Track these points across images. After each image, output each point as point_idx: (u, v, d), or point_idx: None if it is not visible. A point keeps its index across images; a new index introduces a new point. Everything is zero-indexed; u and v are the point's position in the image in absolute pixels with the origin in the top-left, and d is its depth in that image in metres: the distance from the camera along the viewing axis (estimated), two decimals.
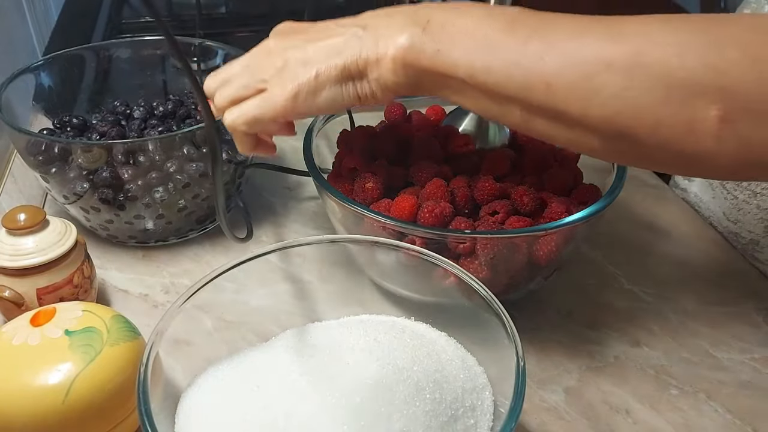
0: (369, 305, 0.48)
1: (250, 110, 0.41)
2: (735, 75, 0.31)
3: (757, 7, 0.58)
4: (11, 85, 0.58)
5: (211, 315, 0.42)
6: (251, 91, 0.41)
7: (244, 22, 1.07)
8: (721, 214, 0.63)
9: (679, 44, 0.32)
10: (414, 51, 0.37)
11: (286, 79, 0.40)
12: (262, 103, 0.41)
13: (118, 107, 0.64)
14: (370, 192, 0.48)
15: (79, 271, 0.49)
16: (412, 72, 0.38)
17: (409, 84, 0.39)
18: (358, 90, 0.40)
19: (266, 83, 0.41)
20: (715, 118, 0.31)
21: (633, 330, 0.52)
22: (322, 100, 0.40)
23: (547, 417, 0.45)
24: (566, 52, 0.34)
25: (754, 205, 0.59)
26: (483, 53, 0.36)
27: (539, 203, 0.48)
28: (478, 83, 0.36)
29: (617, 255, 0.60)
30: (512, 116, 0.37)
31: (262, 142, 0.45)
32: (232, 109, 0.42)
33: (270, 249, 0.43)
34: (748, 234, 0.60)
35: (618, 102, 0.33)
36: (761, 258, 0.59)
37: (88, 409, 0.38)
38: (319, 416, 0.35)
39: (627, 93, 0.33)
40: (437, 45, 0.37)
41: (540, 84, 0.35)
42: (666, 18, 0.34)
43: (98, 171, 0.52)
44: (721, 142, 0.32)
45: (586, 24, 0.35)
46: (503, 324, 0.38)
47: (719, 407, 0.46)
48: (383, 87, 0.39)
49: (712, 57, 0.31)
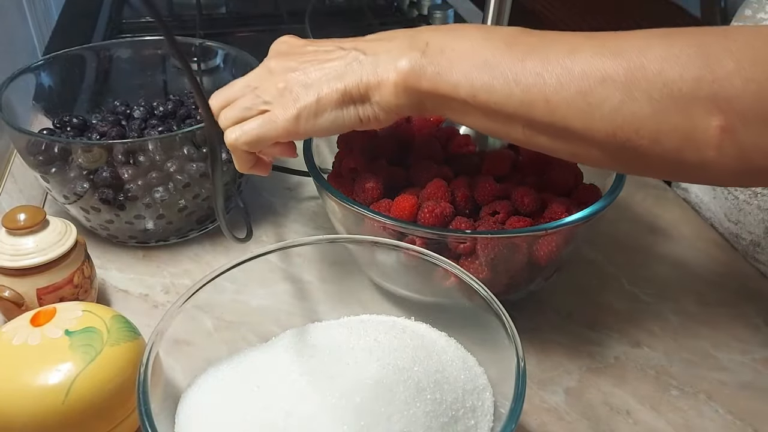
0: (369, 305, 0.48)
1: (252, 130, 0.42)
2: (733, 85, 0.31)
3: (758, 7, 0.58)
4: (11, 85, 0.58)
5: (211, 315, 0.42)
6: (254, 113, 0.42)
7: (244, 22, 1.07)
8: (722, 214, 0.63)
9: (676, 57, 0.32)
10: (415, 74, 0.38)
11: (288, 101, 0.41)
12: (264, 124, 0.42)
13: (118, 107, 0.64)
14: (370, 192, 0.48)
15: (79, 271, 0.49)
16: (413, 95, 0.39)
17: (411, 106, 0.40)
18: (359, 113, 0.41)
19: (268, 105, 0.42)
20: (716, 129, 0.32)
21: (633, 331, 0.52)
22: (323, 122, 0.41)
23: (547, 418, 0.45)
24: (564, 68, 0.35)
25: (755, 206, 0.59)
26: (483, 73, 0.37)
27: (540, 203, 0.48)
28: (479, 103, 0.37)
29: (617, 255, 0.60)
30: (515, 133, 0.38)
31: (260, 161, 0.46)
32: (234, 128, 0.43)
33: (270, 249, 0.43)
34: (749, 235, 0.60)
35: (618, 115, 0.34)
36: (762, 259, 0.59)
37: (88, 409, 0.38)
38: (319, 416, 0.35)
39: (627, 106, 0.33)
40: (437, 68, 0.38)
41: (540, 101, 0.35)
42: (662, 32, 0.34)
43: (98, 171, 0.52)
44: (722, 151, 0.32)
45: (583, 40, 0.36)
46: (503, 324, 0.38)
47: (720, 408, 0.46)
48: (385, 110, 0.40)
49: (710, 68, 0.32)
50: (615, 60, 0.34)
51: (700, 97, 0.32)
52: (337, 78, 0.40)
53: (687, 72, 0.32)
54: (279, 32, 0.48)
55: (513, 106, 0.36)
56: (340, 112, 0.41)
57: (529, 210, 0.47)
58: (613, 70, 0.34)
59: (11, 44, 0.86)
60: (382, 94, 0.39)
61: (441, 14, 1.04)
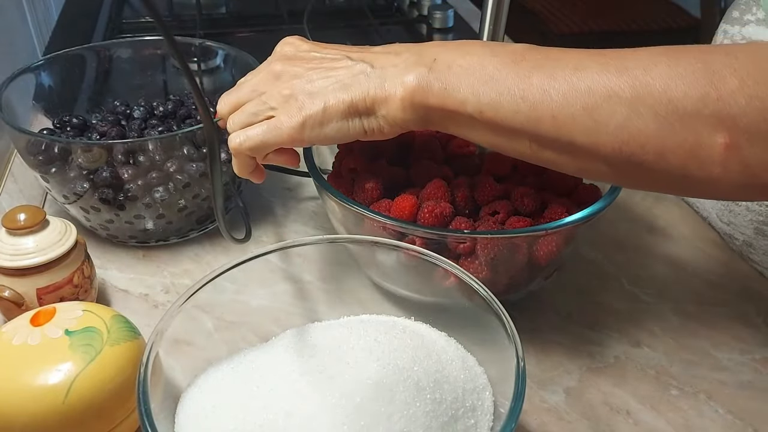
0: (369, 305, 0.48)
1: (257, 136, 0.42)
2: (737, 103, 0.31)
3: (746, 9, 0.58)
4: (11, 85, 0.58)
5: (211, 315, 0.42)
6: (260, 118, 0.43)
7: (244, 22, 1.07)
8: (715, 215, 0.63)
9: (681, 75, 0.33)
10: (422, 90, 0.39)
11: (294, 109, 0.41)
12: (269, 131, 0.42)
13: (118, 107, 0.64)
14: (370, 192, 0.48)
15: (79, 271, 0.49)
16: (420, 110, 0.39)
17: (417, 120, 0.40)
18: (365, 125, 0.41)
19: (274, 111, 0.42)
20: (721, 146, 0.32)
21: (633, 331, 0.52)
22: (328, 132, 0.41)
23: (547, 417, 0.45)
24: (570, 85, 0.35)
25: (744, 207, 0.59)
26: (489, 89, 0.37)
27: (540, 204, 0.48)
28: (486, 119, 0.38)
29: (617, 255, 0.60)
30: (522, 148, 0.39)
31: (258, 168, 0.47)
32: (239, 133, 0.43)
33: (270, 249, 0.43)
34: (741, 236, 0.60)
35: (624, 132, 0.34)
36: (755, 259, 0.59)
37: (88, 409, 0.38)
38: (319, 416, 0.35)
39: (632, 122, 0.34)
40: (444, 83, 0.38)
41: (547, 117, 0.36)
42: (666, 50, 0.35)
43: (98, 171, 0.52)
44: (727, 167, 0.33)
45: (588, 57, 0.36)
46: (503, 324, 0.38)
47: (720, 408, 0.46)
48: (391, 123, 0.40)
49: (714, 86, 0.32)
50: (620, 77, 0.34)
51: (704, 114, 0.32)
52: (344, 89, 0.40)
53: (691, 90, 0.32)
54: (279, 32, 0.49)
55: (519, 122, 0.37)
56: (345, 123, 0.41)
57: (529, 210, 0.47)
58: (619, 87, 0.34)
59: (11, 44, 0.86)
60: (389, 108, 0.40)
61: (441, 14, 1.04)
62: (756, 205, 0.57)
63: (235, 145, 0.43)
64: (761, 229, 0.58)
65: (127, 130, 0.61)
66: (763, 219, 0.57)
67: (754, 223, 0.58)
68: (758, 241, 0.58)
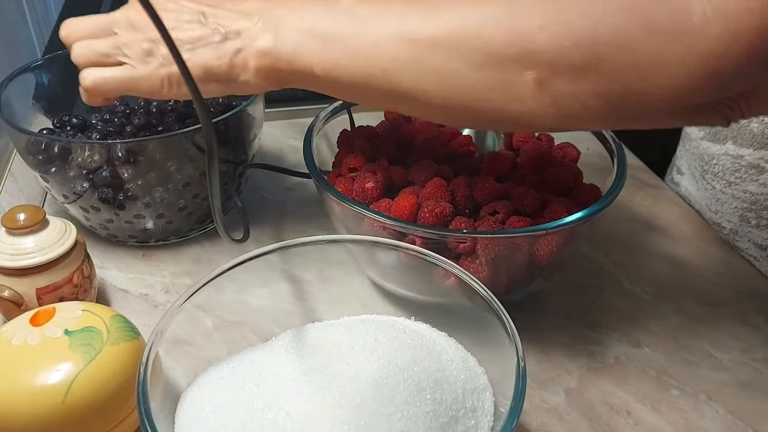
0: (369, 305, 0.48)
1: (115, 80, 0.42)
2: (539, 41, 0.34)
3: None
4: (11, 85, 0.58)
5: (211, 315, 0.42)
6: (110, 62, 0.43)
7: None
8: (704, 205, 0.64)
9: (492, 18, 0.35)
10: (272, 57, 0.40)
11: (153, 65, 0.42)
12: (129, 80, 0.42)
13: (118, 107, 0.64)
14: (370, 192, 0.48)
15: (78, 271, 0.49)
16: (274, 74, 0.41)
17: (274, 83, 0.41)
18: (224, 88, 0.42)
19: (127, 59, 0.42)
20: (532, 81, 0.34)
21: (633, 330, 0.52)
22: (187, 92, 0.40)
23: (547, 417, 0.45)
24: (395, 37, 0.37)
25: (729, 195, 0.60)
26: (329, 48, 0.38)
27: (540, 203, 0.48)
28: (333, 78, 0.39)
29: (617, 255, 0.60)
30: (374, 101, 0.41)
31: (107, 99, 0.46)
32: (93, 72, 0.43)
33: (270, 249, 0.43)
34: (728, 224, 0.61)
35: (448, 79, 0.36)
36: (741, 247, 0.60)
37: (88, 409, 0.38)
38: (319, 416, 0.35)
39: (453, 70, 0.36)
40: (290, 48, 0.39)
41: (379, 71, 0.38)
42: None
43: (98, 170, 0.52)
44: (539, 101, 0.35)
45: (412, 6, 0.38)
46: (503, 324, 0.38)
47: (720, 408, 0.46)
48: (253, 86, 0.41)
49: (519, 26, 0.34)
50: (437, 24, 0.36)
51: (513, 54, 0.34)
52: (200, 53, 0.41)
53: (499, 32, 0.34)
54: None
55: (361, 78, 0.38)
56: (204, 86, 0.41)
57: (529, 210, 0.47)
58: (436, 34, 0.36)
59: (11, 44, 0.86)
60: (245, 75, 0.41)
61: None
62: (741, 192, 0.58)
63: (89, 85, 0.43)
64: (745, 216, 0.59)
65: (127, 130, 0.61)
66: (747, 206, 0.58)
67: (738, 211, 0.59)
68: (743, 228, 0.59)
